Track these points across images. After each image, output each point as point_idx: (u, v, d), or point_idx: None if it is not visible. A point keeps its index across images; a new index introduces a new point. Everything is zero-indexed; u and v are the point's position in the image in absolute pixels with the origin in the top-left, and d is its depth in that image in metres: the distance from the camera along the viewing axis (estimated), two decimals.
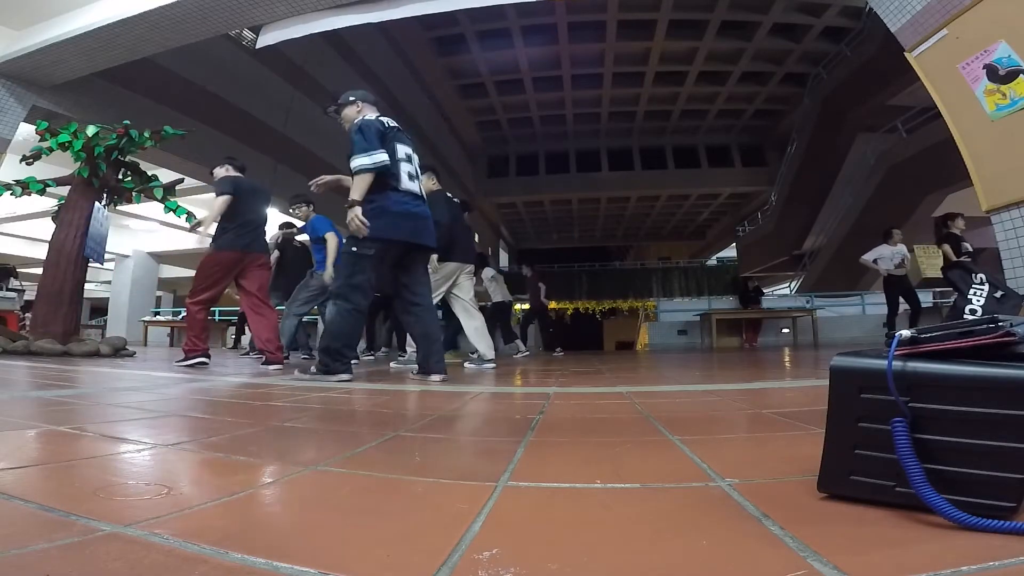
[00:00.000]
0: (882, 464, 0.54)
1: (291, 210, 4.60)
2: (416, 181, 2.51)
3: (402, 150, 2.49)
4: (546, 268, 7.51)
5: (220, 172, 3.69)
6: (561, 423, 1.30)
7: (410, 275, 2.55)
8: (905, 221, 9.13)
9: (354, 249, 2.33)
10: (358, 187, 2.27)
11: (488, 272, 6.26)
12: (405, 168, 2.46)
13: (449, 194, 3.86)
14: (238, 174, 3.72)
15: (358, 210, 2.26)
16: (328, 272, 4.34)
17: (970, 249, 4.51)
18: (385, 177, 2.36)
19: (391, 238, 2.37)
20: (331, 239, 4.33)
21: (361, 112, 2.50)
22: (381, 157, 2.29)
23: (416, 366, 2.60)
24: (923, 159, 8.38)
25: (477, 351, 3.58)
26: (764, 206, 16.24)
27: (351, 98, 2.54)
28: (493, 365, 3.50)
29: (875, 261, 5.92)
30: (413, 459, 0.86)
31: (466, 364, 3.60)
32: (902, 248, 5.91)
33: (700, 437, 1.03)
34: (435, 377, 2.46)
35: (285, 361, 3.52)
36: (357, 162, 2.27)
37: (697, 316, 9.74)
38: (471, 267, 3.91)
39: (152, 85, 6.34)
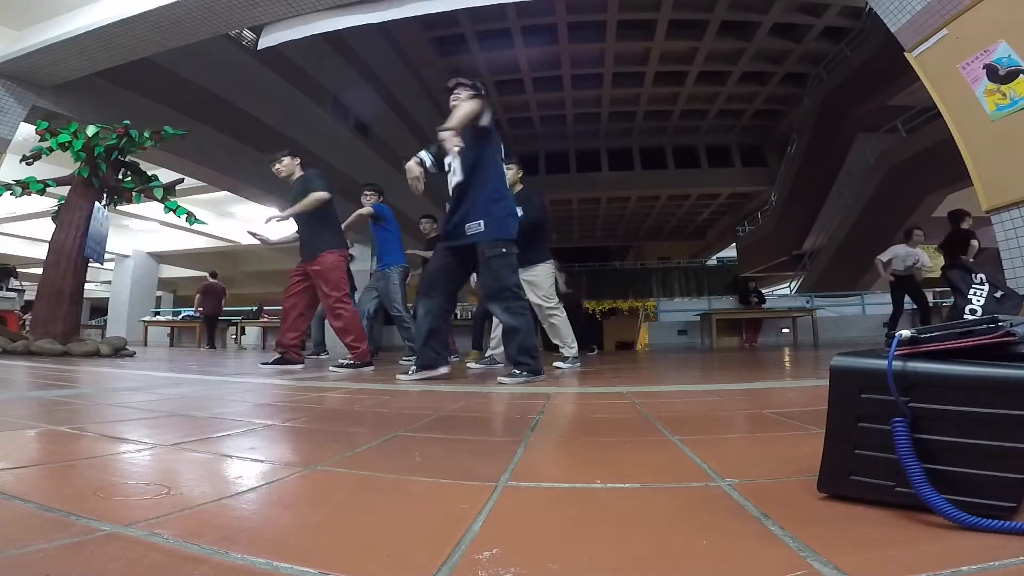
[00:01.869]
0: (882, 464, 0.54)
1: (363, 197, 4.46)
2: None
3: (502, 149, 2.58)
4: None
5: (294, 168, 3.58)
6: (561, 423, 1.30)
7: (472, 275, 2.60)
8: (905, 221, 9.14)
9: (503, 251, 2.41)
10: (462, 119, 2.33)
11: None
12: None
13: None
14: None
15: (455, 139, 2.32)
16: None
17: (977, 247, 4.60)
18: (503, 176, 2.50)
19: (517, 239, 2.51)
20: (362, 211, 4.33)
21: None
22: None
23: (414, 365, 2.56)
24: (923, 159, 8.38)
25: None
26: (764, 206, 16.25)
27: (478, 85, 2.64)
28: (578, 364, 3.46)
29: (889, 261, 5.81)
30: (413, 459, 0.86)
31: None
32: (919, 251, 5.75)
33: (700, 437, 1.03)
34: (442, 370, 2.48)
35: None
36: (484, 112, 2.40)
37: (697, 316, 9.73)
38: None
39: (152, 85, 6.34)
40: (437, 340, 2.51)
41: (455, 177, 2.50)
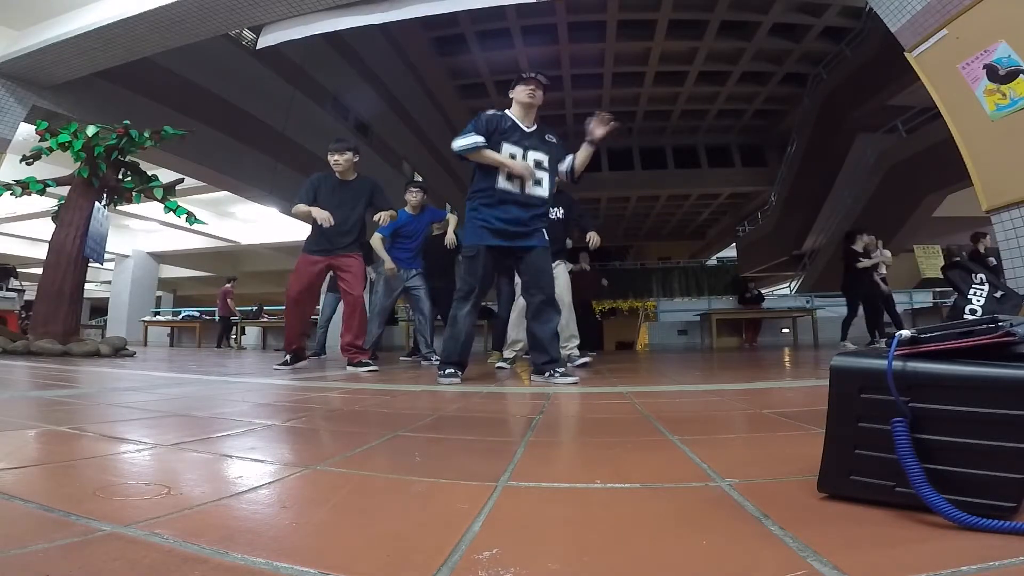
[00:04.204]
0: (882, 464, 0.54)
1: (409, 195, 4.40)
2: None
3: None
4: None
5: (351, 165, 3.36)
6: (561, 423, 1.30)
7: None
8: (905, 221, 9.14)
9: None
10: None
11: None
12: None
13: None
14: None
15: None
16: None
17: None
18: None
19: None
20: (452, 219, 4.43)
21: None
22: None
23: (451, 367, 2.44)
24: (923, 159, 8.38)
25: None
26: (764, 206, 16.24)
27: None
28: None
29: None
30: (413, 459, 0.86)
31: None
32: (879, 253, 6.00)
33: (700, 437, 1.03)
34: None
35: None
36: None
37: (697, 316, 9.73)
38: None
39: (152, 85, 6.34)
40: (470, 346, 2.52)
41: (538, 189, 2.43)
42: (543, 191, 2.44)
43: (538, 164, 2.42)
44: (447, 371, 2.35)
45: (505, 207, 2.37)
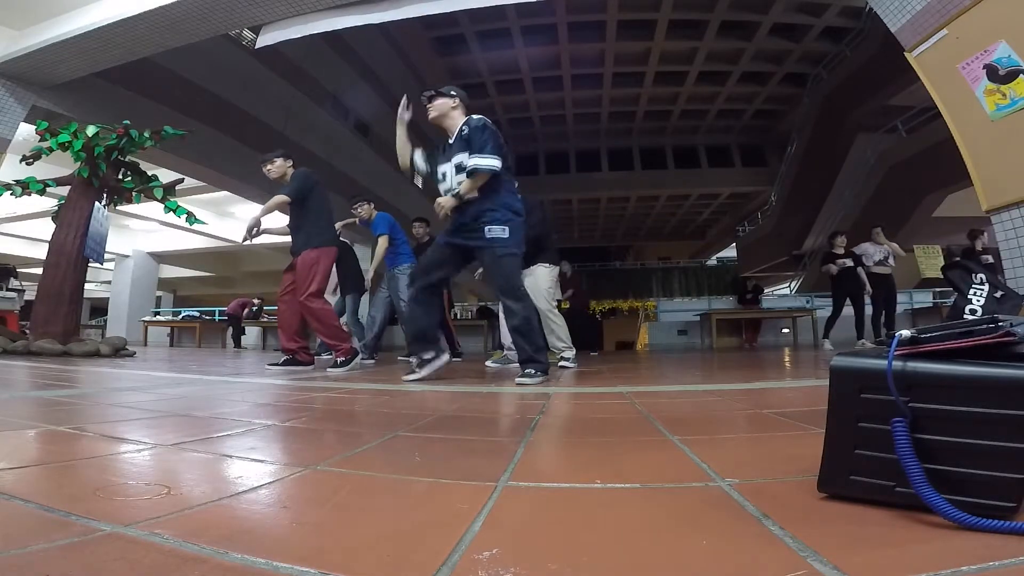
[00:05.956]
0: (882, 464, 0.54)
1: (353, 208, 4.50)
2: None
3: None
4: None
5: (286, 169, 3.53)
6: (561, 423, 1.30)
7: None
8: (905, 221, 9.13)
9: (516, 252, 2.46)
10: (473, 185, 2.33)
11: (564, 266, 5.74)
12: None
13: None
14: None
15: (452, 203, 2.36)
16: (372, 268, 4.36)
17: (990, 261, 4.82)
18: (510, 182, 2.51)
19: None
20: (381, 242, 4.31)
21: (457, 110, 2.56)
22: (498, 164, 2.34)
23: (415, 366, 2.50)
24: (923, 159, 8.38)
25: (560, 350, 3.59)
26: (764, 206, 16.25)
27: (452, 92, 2.60)
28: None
29: (859, 257, 6.00)
30: (413, 459, 0.86)
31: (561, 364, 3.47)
32: (886, 247, 5.96)
33: (700, 437, 1.03)
34: (444, 357, 2.50)
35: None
36: (486, 162, 2.29)
37: (697, 316, 9.73)
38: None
39: (152, 85, 6.34)
40: (431, 332, 2.51)
41: (460, 176, 2.44)
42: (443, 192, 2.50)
43: (459, 167, 2.44)
44: (416, 368, 2.45)
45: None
